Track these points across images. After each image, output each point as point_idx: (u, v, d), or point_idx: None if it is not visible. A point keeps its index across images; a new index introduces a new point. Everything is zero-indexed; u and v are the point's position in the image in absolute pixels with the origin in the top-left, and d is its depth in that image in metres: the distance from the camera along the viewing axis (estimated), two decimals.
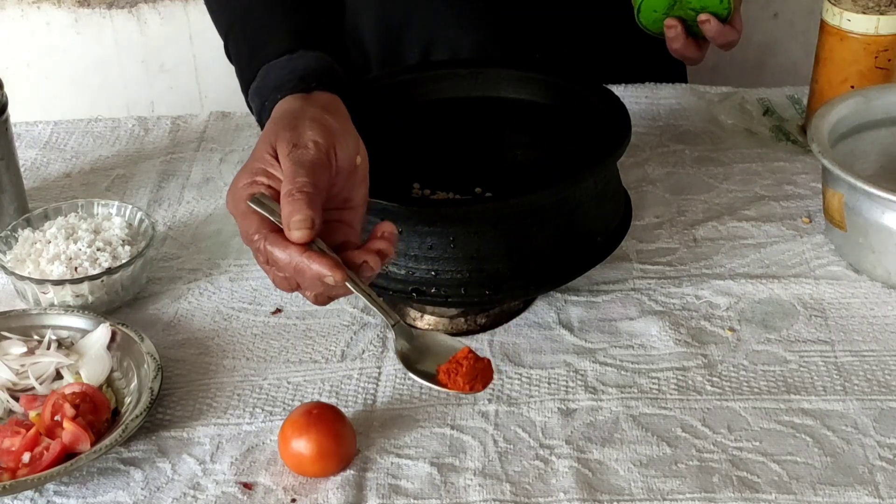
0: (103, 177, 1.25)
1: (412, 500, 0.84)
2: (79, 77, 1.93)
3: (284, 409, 0.93)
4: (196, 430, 0.91)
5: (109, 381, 0.96)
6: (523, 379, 0.96)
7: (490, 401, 0.93)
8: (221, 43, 1.46)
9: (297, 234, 0.79)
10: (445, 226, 0.93)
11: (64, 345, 0.99)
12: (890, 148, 1.14)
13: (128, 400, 0.93)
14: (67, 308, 1.01)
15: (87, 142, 1.32)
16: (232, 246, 1.13)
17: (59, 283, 1.00)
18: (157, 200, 1.21)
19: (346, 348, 1.00)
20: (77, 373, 0.95)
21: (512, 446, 0.89)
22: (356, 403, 0.94)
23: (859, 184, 0.99)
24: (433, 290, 0.95)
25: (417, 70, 1.11)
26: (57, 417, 0.88)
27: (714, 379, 0.95)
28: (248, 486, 0.86)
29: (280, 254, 0.80)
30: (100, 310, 1.02)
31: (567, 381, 0.95)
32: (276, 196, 0.82)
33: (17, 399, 0.93)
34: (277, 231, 0.81)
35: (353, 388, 0.95)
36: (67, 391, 0.90)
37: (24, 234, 1.06)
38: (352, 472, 0.87)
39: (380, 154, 1.07)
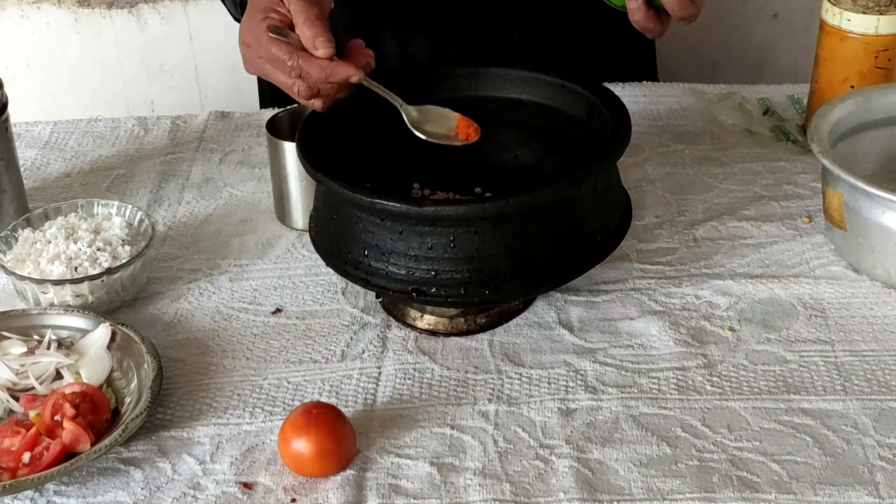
0: (103, 177, 1.25)
1: (412, 500, 0.84)
2: (79, 77, 1.93)
3: (284, 408, 0.93)
4: (196, 430, 0.91)
5: (109, 380, 0.96)
6: (523, 379, 0.96)
7: (490, 401, 0.93)
8: (221, 43, 1.47)
9: (322, 51, 0.98)
10: (445, 226, 0.93)
11: (64, 345, 0.99)
12: (890, 148, 1.14)
13: (128, 400, 0.93)
14: (67, 308, 1.01)
15: (87, 142, 1.32)
16: (232, 246, 1.14)
17: (59, 282, 1.00)
18: (157, 200, 1.21)
19: (346, 348, 1.00)
20: (77, 373, 0.95)
21: (512, 446, 0.89)
22: (356, 403, 0.94)
23: (859, 184, 0.99)
24: (433, 290, 0.95)
25: (418, 71, 1.11)
26: (57, 417, 0.88)
27: (714, 379, 0.95)
28: (248, 486, 0.86)
29: (313, 67, 0.98)
30: (100, 310, 1.02)
31: (567, 381, 0.95)
32: (288, 25, 1.00)
33: (16, 399, 0.93)
34: (303, 50, 0.99)
35: (353, 387, 0.95)
36: (67, 391, 0.90)
37: (24, 234, 1.06)
38: (352, 471, 0.87)
39: (381, 154, 1.08)
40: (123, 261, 1.03)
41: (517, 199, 0.93)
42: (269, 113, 1.18)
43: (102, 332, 0.98)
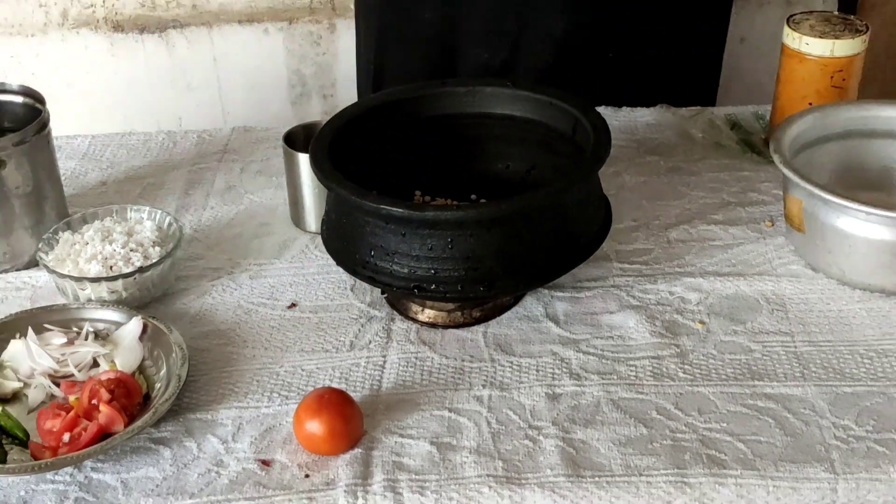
0: (136, 185, 1.26)
1: (414, 476, 0.84)
2: (114, 95, 1.93)
3: (299, 393, 0.93)
4: (219, 413, 0.91)
5: (141, 368, 0.96)
6: (514, 367, 0.96)
7: (484, 386, 0.93)
8: (242, 64, 1.47)
9: None
10: (444, 229, 0.93)
11: (100, 336, 0.99)
12: (844, 159, 1.14)
13: (157, 385, 0.93)
14: (103, 303, 1.01)
15: (121, 153, 1.32)
16: (252, 247, 1.14)
17: (95, 280, 1.00)
18: (185, 206, 1.21)
19: (355, 339, 1.00)
20: (112, 361, 0.95)
21: (504, 427, 0.89)
22: (363, 388, 0.94)
23: (817, 191, 1.00)
24: (433, 287, 0.95)
25: (420, 88, 1.11)
26: (94, 401, 0.88)
27: (686, 366, 0.95)
28: (266, 463, 0.86)
29: None
30: (132, 304, 1.02)
31: (553, 369, 0.95)
32: None
33: (57, 385, 0.93)
34: None
35: (360, 374, 0.96)
36: (103, 377, 0.90)
37: (65, 236, 1.06)
38: (359, 450, 0.87)
39: (385, 164, 1.08)
40: (154, 260, 1.03)
41: (508, 204, 0.93)
42: (286, 127, 1.19)
43: (135, 325, 0.98)
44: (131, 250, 1.03)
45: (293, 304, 1.05)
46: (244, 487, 0.84)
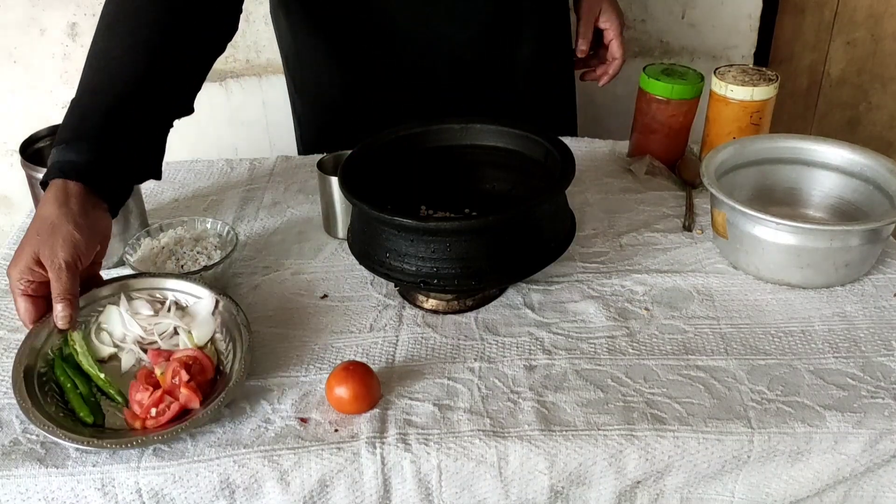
0: (202, 201, 1.25)
1: (420, 430, 0.84)
2: (184, 130, 1.93)
3: (330, 365, 0.93)
4: (267, 381, 0.91)
5: (213, 340, 0.93)
6: (499, 344, 0.96)
7: (475, 360, 0.93)
8: (286, 105, 1.47)
9: (61, 324, 0.88)
10: (443, 236, 0.93)
11: (180, 307, 0.96)
12: (759, 180, 1.14)
13: (226, 359, 0.91)
14: (183, 276, 0.98)
15: (190, 176, 1.32)
16: (292, 250, 1.13)
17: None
18: (240, 218, 1.21)
19: (374, 322, 1.00)
20: (189, 333, 0.93)
21: (491, 392, 0.89)
22: (381, 362, 0.94)
23: (737, 206, 1.00)
24: (435, 282, 0.95)
25: (423, 125, 1.11)
26: (175, 380, 0.86)
27: (634, 344, 0.95)
28: (304, 420, 0.86)
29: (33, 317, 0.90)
30: None
31: (530, 346, 0.95)
32: (38, 284, 0.88)
33: (145, 351, 0.92)
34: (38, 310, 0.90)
35: (378, 351, 0.95)
36: (183, 356, 0.88)
37: (146, 241, 1.06)
38: (377, 410, 0.87)
39: (397, 185, 1.08)
40: (216, 261, 1.03)
41: (494, 217, 0.93)
42: (318, 157, 1.18)
43: (209, 301, 0.95)
44: (198, 253, 1.03)
45: (325, 296, 1.05)
46: (287, 440, 0.84)
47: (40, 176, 1.02)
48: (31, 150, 1.08)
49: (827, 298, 1.01)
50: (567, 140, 1.34)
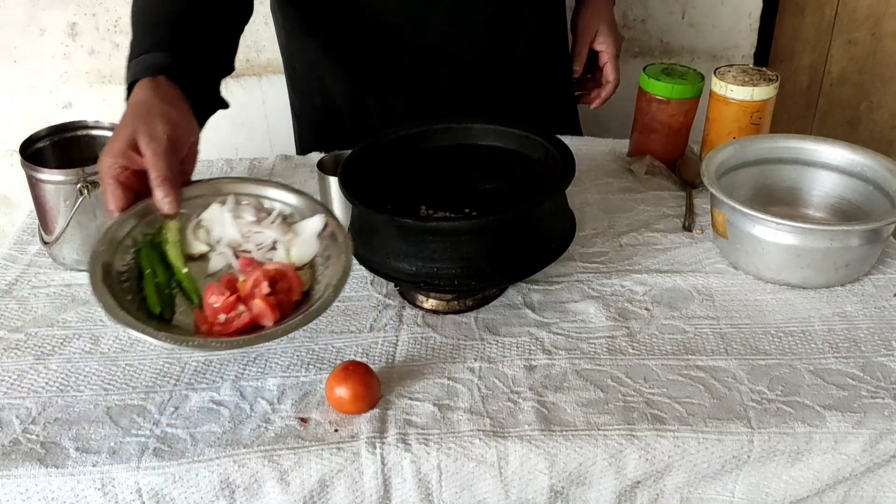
0: None
1: (420, 430, 0.85)
2: None
3: (330, 365, 0.93)
4: (267, 381, 0.91)
5: (312, 263, 0.87)
6: (499, 344, 0.96)
7: (475, 360, 0.93)
8: (286, 105, 1.47)
9: (167, 208, 0.84)
10: (443, 236, 0.93)
11: (286, 221, 0.90)
12: (759, 180, 1.14)
13: (320, 284, 0.84)
14: (291, 189, 0.91)
15: (192, 176, 1.32)
16: None
17: None
18: None
19: (374, 322, 1.00)
20: (288, 249, 0.87)
21: (491, 392, 0.89)
22: (381, 362, 0.94)
23: (737, 206, 1.00)
24: (435, 282, 0.95)
25: (423, 125, 1.11)
26: (255, 291, 0.80)
27: (634, 344, 0.95)
28: (304, 420, 0.86)
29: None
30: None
31: (530, 346, 0.95)
32: (131, 173, 0.84)
33: (237, 258, 0.87)
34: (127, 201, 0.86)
35: (378, 350, 0.95)
36: (271, 268, 0.82)
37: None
38: (377, 410, 0.87)
39: (397, 185, 1.08)
40: None
41: (494, 217, 0.93)
42: (318, 156, 1.18)
43: (317, 221, 0.89)
44: None
45: None
46: (287, 439, 0.84)
47: (40, 176, 1.02)
48: (31, 150, 1.08)
49: (827, 298, 1.01)
50: (567, 140, 1.34)
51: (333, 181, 1.10)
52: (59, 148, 1.10)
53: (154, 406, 0.88)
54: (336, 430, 0.84)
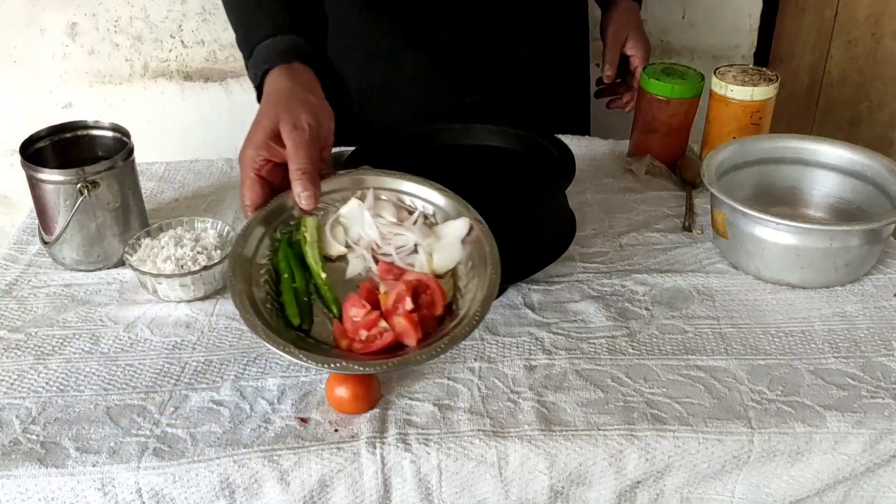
0: (201, 201, 1.26)
1: (420, 430, 0.84)
2: (184, 130, 1.93)
3: None
4: (267, 381, 0.91)
5: (454, 271, 0.81)
6: (499, 344, 0.96)
7: (476, 360, 0.93)
8: None
9: (305, 203, 0.80)
10: None
11: (428, 222, 0.84)
12: (759, 180, 1.14)
13: (462, 298, 0.79)
14: (438, 188, 0.85)
15: (191, 176, 1.32)
16: None
17: (169, 276, 1.00)
18: (240, 218, 1.21)
19: None
20: (430, 255, 0.82)
21: (491, 392, 0.89)
22: None
23: (737, 206, 1.00)
24: None
25: (423, 125, 1.11)
26: (398, 306, 0.77)
27: (635, 344, 0.95)
28: (304, 420, 0.86)
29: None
30: (198, 296, 1.02)
31: (530, 346, 0.95)
32: (272, 167, 0.82)
33: (376, 261, 0.82)
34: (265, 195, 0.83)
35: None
36: (413, 279, 0.77)
37: (145, 241, 1.06)
38: (378, 410, 0.87)
39: None
40: (215, 261, 1.03)
41: (494, 217, 0.93)
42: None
43: (461, 224, 0.83)
44: (198, 253, 1.03)
45: None
46: (287, 439, 0.84)
47: (40, 176, 1.02)
48: (31, 150, 1.08)
49: (827, 298, 1.01)
50: (567, 140, 1.34)
51: None
52: (59, 148, 1.10)
53: (154, 406, 0.88)
54: (336, 430, 0.84)
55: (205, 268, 1.01)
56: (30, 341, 0.97)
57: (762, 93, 1.17)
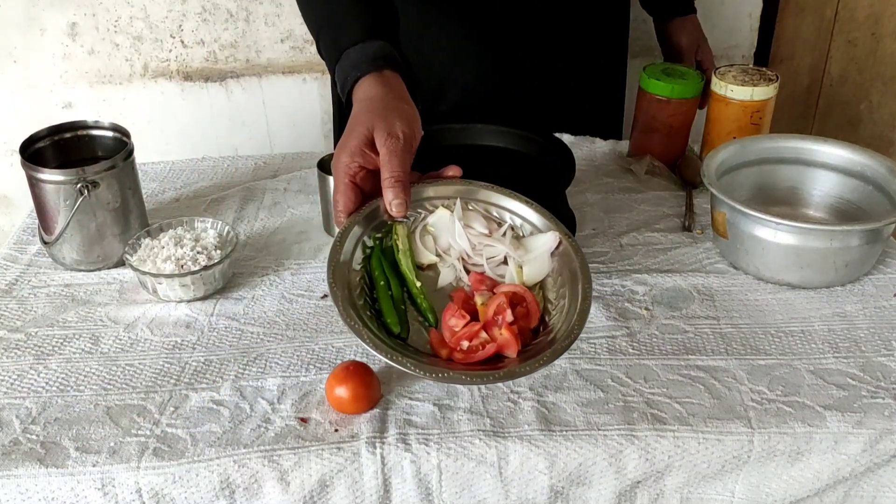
0: (202, 201, 1.26)
1: (420, 430, 0.84)
2: (184, 130, 1.93)
3: (330, 365, 0.93)
4: (267, 381, 0.91)
5: (542, 284, 0.83)
6: None
7: None
8: (286, 106, 1.48)
9: (396, 211, 0.81)
10: None
11: (516, 234, 0.86)
12: (759, 180, 1.14)
13: (553, 310, 0.80)
14: (525, 200, 0.86)
15: (193, 176, 1.32)
16: (292, 250, 1.13)
17: (169, 276, 1.00)
18: (240, 218, 1.21)
19: None
20: (520, 266, 0.83)
21: (491, 392, 0.89)
22: (381, 362, 0.93)
23: (737, 206, 1.00)
24: None
25: (424, 126, 1.11)
26: (498, 318, 0.77)
27: (634, 344, 0.95)
28: (304, 420, 0.86)
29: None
30: (198, 296, 1.02)
31: None
32: (365, 174, 0.82)
33: (467, 272, 0.83)
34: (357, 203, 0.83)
35: (381, 357, 0.95)
36: (509, 291, 0.78)
37: (146, 241, 1.06)
38: (378, 410, 0.87)
39: None
40: (215, 261, 1.03)
41: None
42: (319, 156, 1.18)
43: (550, 238, 0.84)
44: (198, 253, 1.03)
45: (325, 296, 1.05)
46: (287, 439, 0.84)
47: (40, 176, 1.02)
48: (31, 150, 1.08)
49: (827, 298, 1.01)
50: (567, 139, 1.34)
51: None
52: (59, 148, 1.11)
53: (154, 406, 0.88)
54: (336, 430, 0.84)
55: (205, 268, 1.01)
56: (30, 341, 0.97)
57: (762, 93, 1.17)
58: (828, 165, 1.12)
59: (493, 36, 1.29)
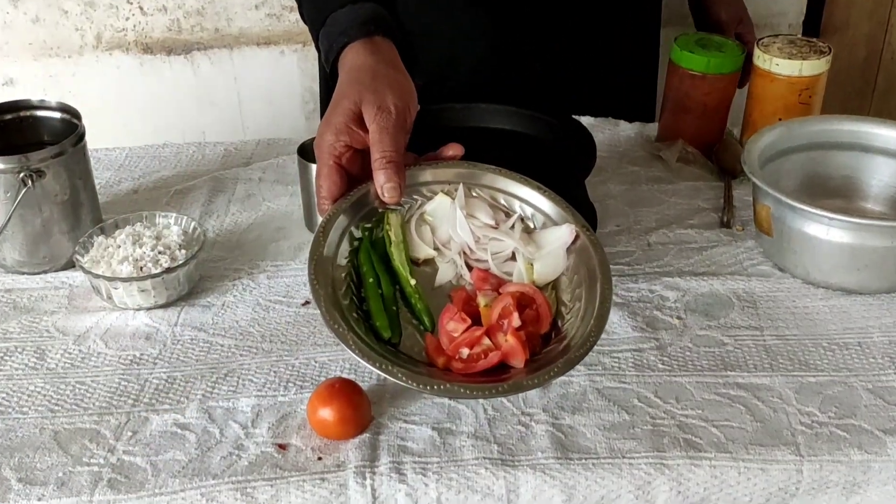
0: (164, 193, 1.26)
1: (417, 458, 0.84)
2: (143, 111, 1.93)
3: (312, 383, 0.93)
4: (240, 401, 0.91)
5: (556, 283, 0.82)
6: None
7: None
8: (259, 83, 1.48)
9: (388, 196, 0.79)
10: None
11: (526, 227, 0.85)
12: (809, 168, 1.14)
13: (567, 314, 0.80)
14: (538, 187, 0.85)
15: (154, 164, 1.32)
16: (269, 249, 1.14)
17: (126, 280, 1.00)
18: (208, 213, 1.21)
19: None
20: (531, 264, 0.83)
21: (499, 413, 0.89)
22: (371, 378, 0.93)
23: (784, 198, 1.00)
24: None
25: (423, 104, 1.11)
26: (503, 322, 0.77)
27: (665, 358, 0.95)
28: (282, 447, 0.86)
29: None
30: (159, 303, 1.02)
31: None
32: (353, 154, 0.81)
33: (469, 268, 0.83)
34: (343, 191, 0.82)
35: (368, 366, 0.95)
36: (516, 291, 0.78)
37: (99, 240, 1.06)
38: (367, 435, 0.87)
39: None
40: (180, 262, 1.03)
41: None
42: (300, 140, 1.19)
43: (565, 231, 0.84)
44: (159, 253, 1.03)
45: (306, 302, 1.05)
46: (262, 469, 0.84)
47: None
48: None
49: (888, 305, 1.01)
50: (586, 122, 1.34)
51: (315, 169, 1.09)
52: None
53: (109, 430, 0.88)
54: (319, 459, 0.84)
55: (167, 270, 1.01)
56: None
57: (812, 67, 1.17)
58: (888, 151, 1.12)
59: (509, 3, 1.29)
